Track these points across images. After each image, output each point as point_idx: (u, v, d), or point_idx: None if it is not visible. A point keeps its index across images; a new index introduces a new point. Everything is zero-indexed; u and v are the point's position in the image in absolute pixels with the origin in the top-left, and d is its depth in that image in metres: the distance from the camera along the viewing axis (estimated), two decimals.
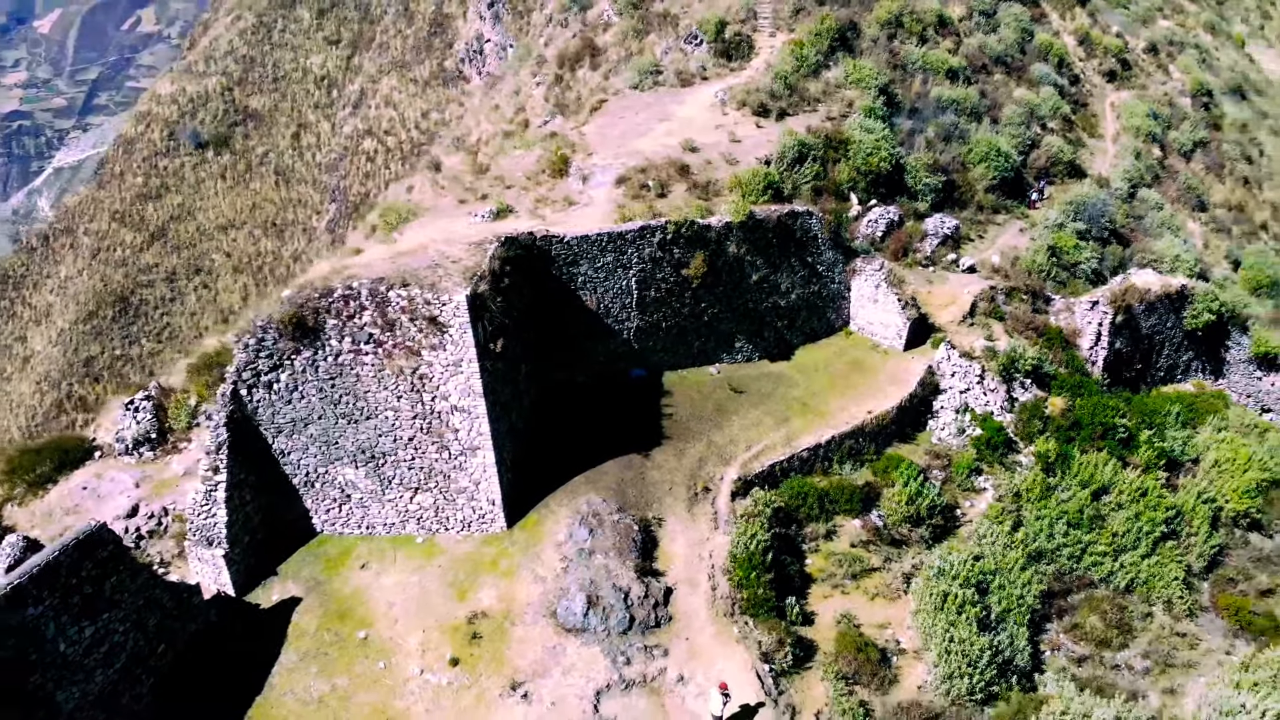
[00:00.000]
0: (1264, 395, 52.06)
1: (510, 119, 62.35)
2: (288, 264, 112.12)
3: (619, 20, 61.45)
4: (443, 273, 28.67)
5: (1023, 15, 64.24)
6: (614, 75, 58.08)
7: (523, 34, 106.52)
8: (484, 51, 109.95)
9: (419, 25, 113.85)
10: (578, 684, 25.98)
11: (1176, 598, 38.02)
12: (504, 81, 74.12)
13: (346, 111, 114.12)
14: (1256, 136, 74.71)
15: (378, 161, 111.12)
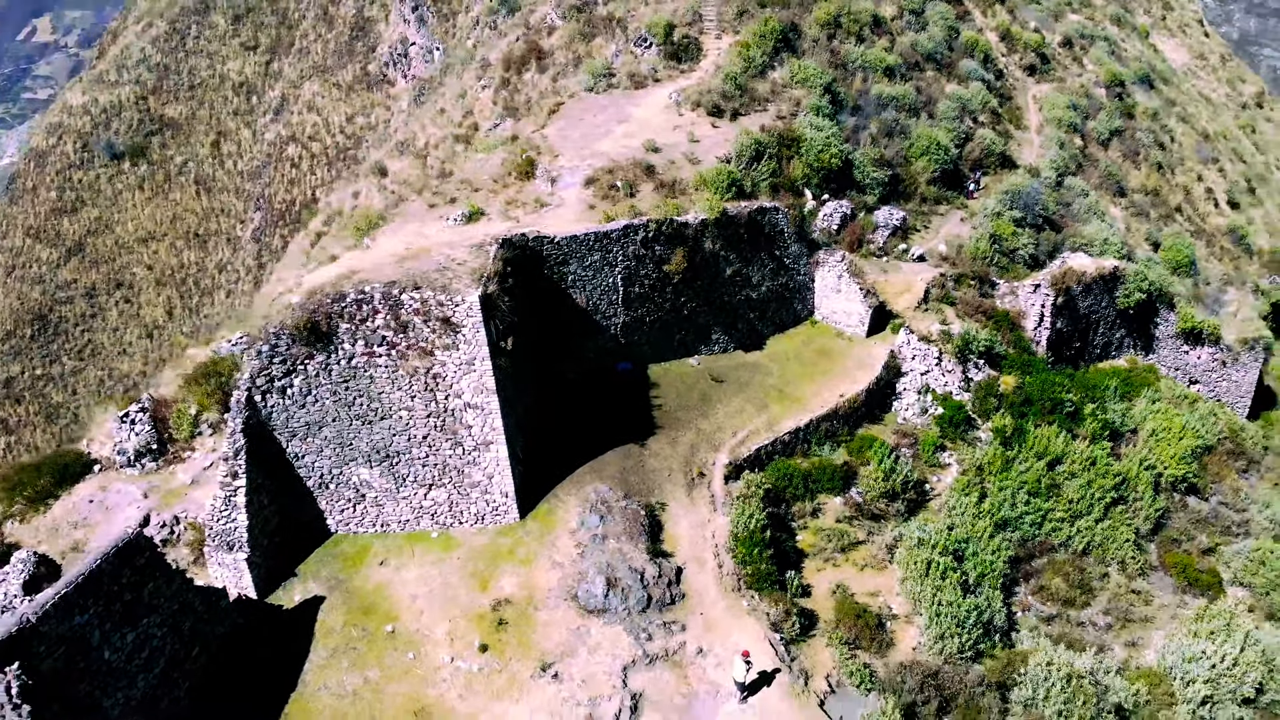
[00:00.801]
0: (1190, 368, 56.13)
1: (459, 123, 63.31)
2: (213, 275, 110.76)
3: (563, 24, 62.91)
4: (451, 275, 29.97)
5: (948, 13, 67.67)
6: (563, 78, 59.56)
7: (449, 37, 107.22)
8: (409, 54, 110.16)
9: (340, 29, 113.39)
10: (605, 661, 27.63)
11: (1129, 558, 41.24)
12: (445, 85, 74.85)
13: (268, 118, 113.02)
14: (1167, 124, 79.78)
15: (303, 168, 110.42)
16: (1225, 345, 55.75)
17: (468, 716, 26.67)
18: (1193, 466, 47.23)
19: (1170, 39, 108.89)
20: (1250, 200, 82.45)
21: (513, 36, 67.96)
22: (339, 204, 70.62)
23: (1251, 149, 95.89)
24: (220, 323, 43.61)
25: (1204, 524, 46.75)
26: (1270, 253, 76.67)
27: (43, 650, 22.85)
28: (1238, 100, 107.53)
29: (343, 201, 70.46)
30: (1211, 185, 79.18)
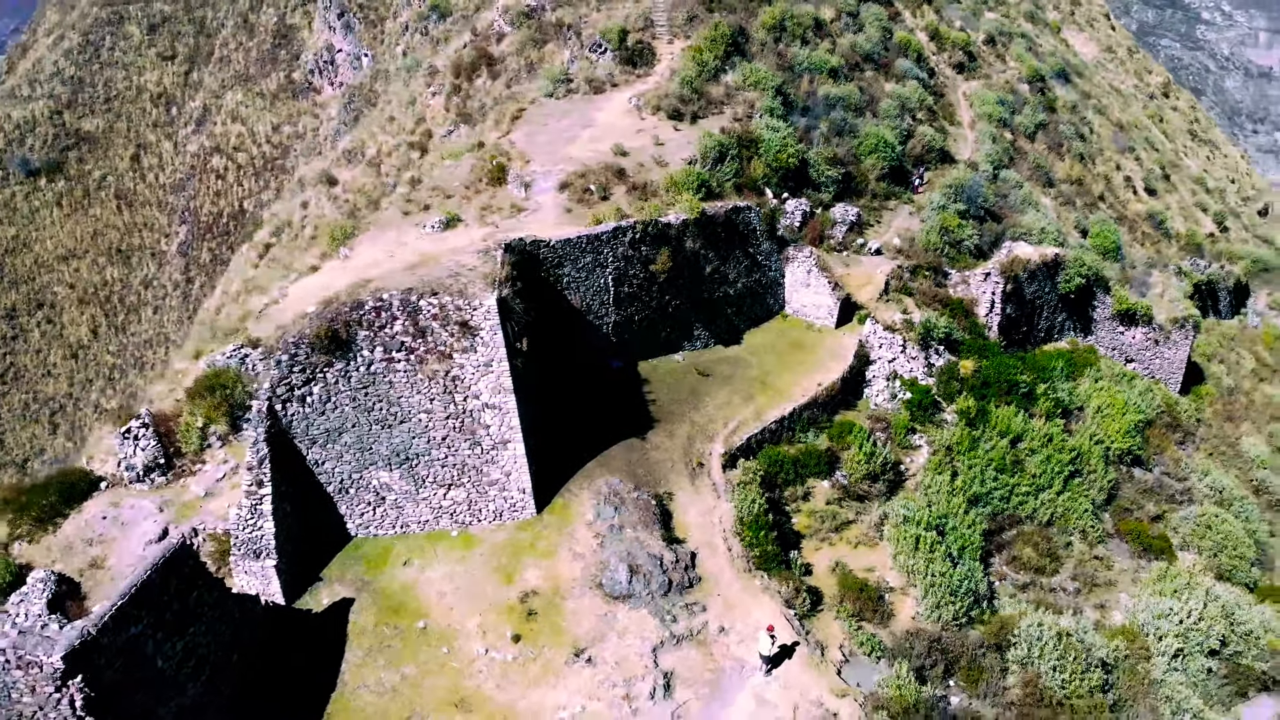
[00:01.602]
0: (1126, 347, 59.98)
1: (411, 130, 63.97)
2: (138, 291, 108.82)
3: (512, 31, 64.07)
4: (465, 280, 31.19)
5: (881, 14, 70.74)
6: (516, 84, 60.79)
7: (377, 43, 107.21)
8: (336, 62, 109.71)
9: (261, 37, 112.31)
10: (635, 644, 29.19)
11: (1089, 527, 44.34)
12: (389, 92, 75.18)
13: (189, 129, 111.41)
14: (1085, 116, 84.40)
15: (229, 179, 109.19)
16: (1157, 325, 59.74)
17: (507, 704, 27.96)
18: (1136, 440, 50.73)
19: (1080, 33, 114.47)
20: (1165, 187, 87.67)
21: (460, 43, 68.81)
22: (287, 214, 70.57)
23: (1161, 137, 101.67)
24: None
25: (1150, 493, 50.31)
26: (1187, 236, 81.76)
27: (103, 662, 23.49)
28: (1145, 90, 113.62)
29: (291, 212, 70.42)
30: (1129, 174, 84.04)
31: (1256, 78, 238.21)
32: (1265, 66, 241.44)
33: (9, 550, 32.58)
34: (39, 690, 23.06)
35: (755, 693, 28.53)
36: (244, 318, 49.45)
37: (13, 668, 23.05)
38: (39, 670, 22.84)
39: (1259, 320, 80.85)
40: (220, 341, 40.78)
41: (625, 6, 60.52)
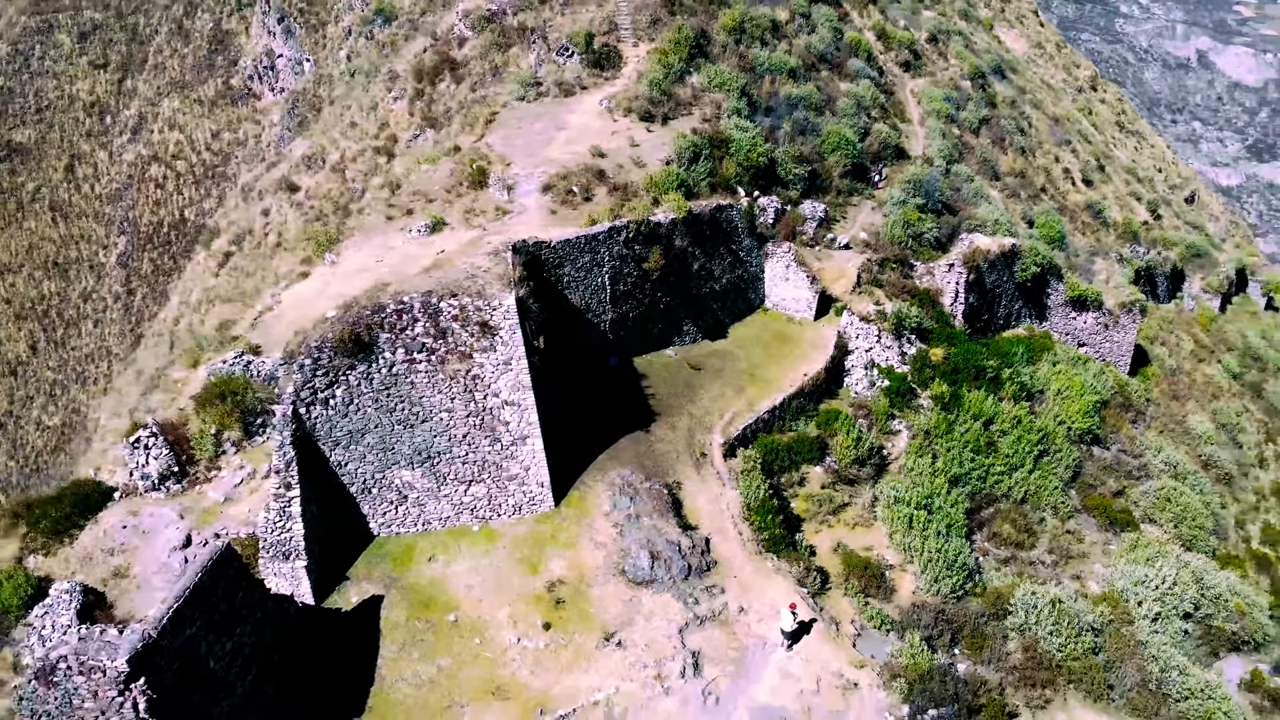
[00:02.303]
0: (1078, 332, 63.11)
1: (375, 135, 64.43)
2: (77, 305, 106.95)
3: (474, 35, 64.92)
4: (482, 282, 32.28)
5: (831, 15, 73.10)
6: (481, 87, 61.71)
7: (319, 48, 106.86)
8: (276, 67, 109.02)
9: (197, 43, 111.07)
10: (662, 626, 30.63)
11: (1059, 504, 46.95)
12: (350, 97, 75.35)
13: (125, 138, 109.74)
14: (1024, 110, 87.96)
15: (168, 188, 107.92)
16: (1107, 310, 63.00)
17: (542, 690, 29.19)
18: (1095, 420, 53.65)
19: (1010, 30, 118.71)
20: (1101, 178, 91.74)
21: (419, 47, 69.39)
22: (247, 222, 70.51)
23: (1091, 130, 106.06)
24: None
25: (1110, 470, 53.24)
26: (1124, 224, 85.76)
27: (163, 664, 24.19)
28: (1074, 84, 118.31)
29: (251, 220, 70.40)
30: (1068, 166, 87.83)
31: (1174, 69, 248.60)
32: (1183, 58, 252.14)
33: (23, 564, 32.78)
34: (101, 695, 23.68)
35: (779, 667, 30.20)
36: (224, 326, 49.71)
37: (74, 674, 23.64)
38: (102, 675, 23.46)
39: (1194, 303, 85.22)
40: (216, 350, 41.05)
41: (589, 10, 61.82)
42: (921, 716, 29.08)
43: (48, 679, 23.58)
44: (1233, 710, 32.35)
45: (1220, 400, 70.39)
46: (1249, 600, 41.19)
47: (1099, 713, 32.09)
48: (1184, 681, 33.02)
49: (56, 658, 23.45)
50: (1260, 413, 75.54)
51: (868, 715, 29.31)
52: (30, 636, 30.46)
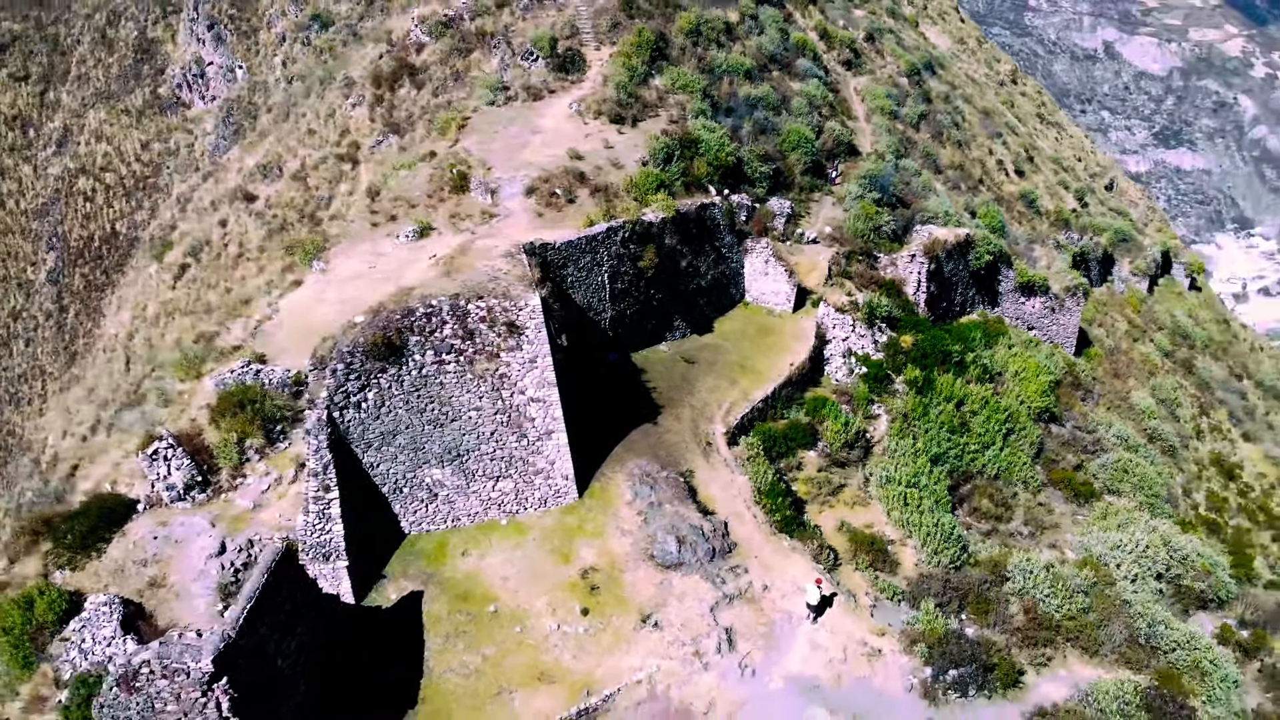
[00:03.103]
0: (1027, 316, 66.65)
1: (336, 142, 64.82)
2: (7, 324, 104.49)
3: (431, 40, 65.75)
4: (505, 283, 33.63)
5: (777, 16, 75.63)
6: (443, 93, 62.64)
7: (251, 55, 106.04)
8: (206, 75, 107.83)
9: (122, 53, 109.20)
10: (694, 606, 32.39)
11: (1029, 478, 49.91)
12: (305, 104, 75.30)
13: (50, 152, 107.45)
14: (957, 105, 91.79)
15: (98, 201, 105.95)
16: (1053, 294, 66.65)
17: (586, 673, 30.71)
18: (1051, 399, 56.98)
19: (933, 26, 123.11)
20: (1031, 168, 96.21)
21: (373, 53, 69.87)
22: (203, 233, 70.12)
23: (1015, 122, 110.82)
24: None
25: (1068, 445, 56.62)
26: (1055, 212, 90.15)
27: (240, 664, 25.10)
28: (996, 79, 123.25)
29: (208, 231, 70.06)
30: (1001, 158, 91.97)
31: (1082, 60, 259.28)
32: (1090, 49, 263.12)
33: (49, 580, 33.09)
34: (185, 697, 24.52)
35: (808, 638, 32.22)
36: (206, 337, 49.70)
37: (157, 677, 24.44)
38: (185, 677, 24.31)
39: (1124, 286, 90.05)
40: (218, 361, 41.46)
41: (549, 15, 63.22)
42: (943, 677, 31.36)
43: (130, 684, 24.32)
44: (1217, 659, 35.36)
45: (1157, 377, 74.81)
46: (1212, 560, 44.58)
47: (1095, 667, 34.79)
48: (1170, 635, 35.95)
49: (139, 663, 24.21)
50: (1193, 388, 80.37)
51: (893, 679, 31.50)
52: (68, 651, 30.93)
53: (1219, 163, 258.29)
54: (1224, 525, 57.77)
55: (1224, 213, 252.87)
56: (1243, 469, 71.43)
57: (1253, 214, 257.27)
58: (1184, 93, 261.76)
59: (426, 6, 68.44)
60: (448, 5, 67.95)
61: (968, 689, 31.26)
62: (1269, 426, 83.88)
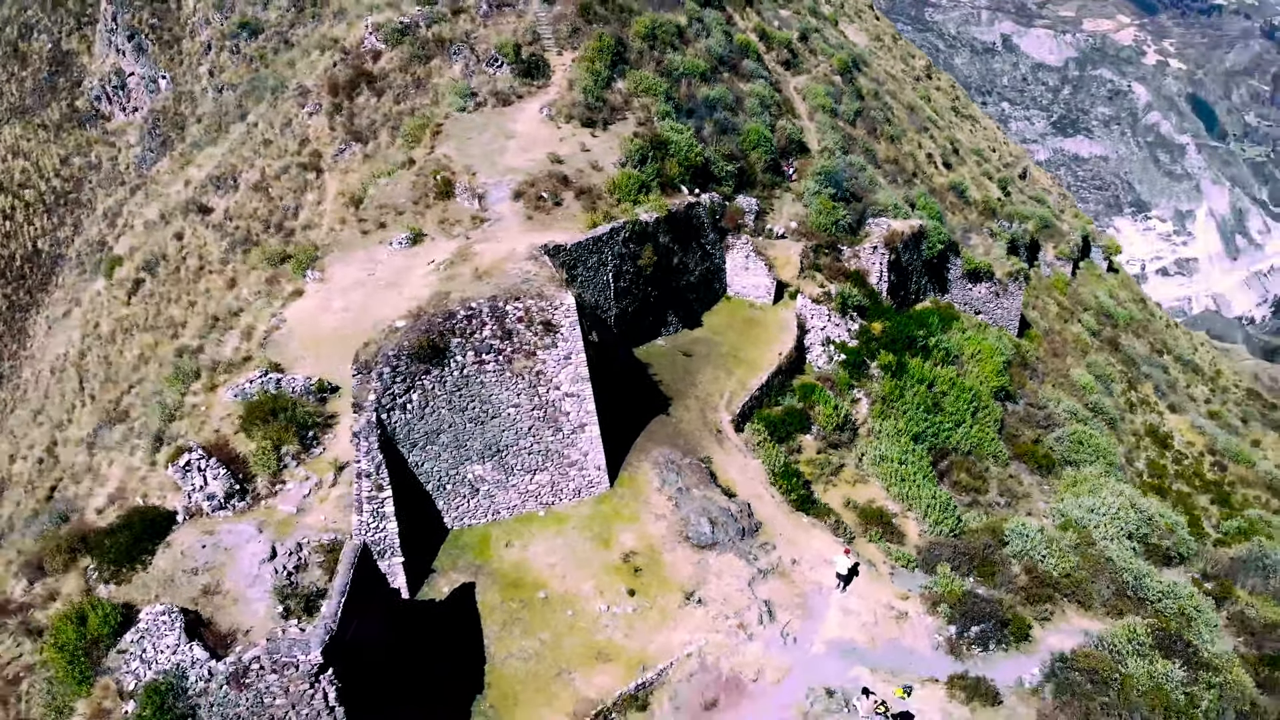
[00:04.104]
0: (974, 301, 70.72)
1: (297, 151, 65.19)
2: None
3: (388, 48, 66.62)
4: (538, 284, 35.39)
5: (720, 19, 78.44)
6: (405, 100, 63.64)
7: (175, 64, 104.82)
8: (127, 86, 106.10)
9: (36, 66, 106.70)
10: (732, 582, 34.68)
11: (998, 453, 53.48)
12: (256, 112, 75.14)
13: None
14: (886, 101, 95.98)
15: (17, 219, 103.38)
16: (998, 279, 70.82)
17: (639, 649, 32.75)
18: (1005, 379, 60.87)
19: (851, 24, 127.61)
20: (957, 160, 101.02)
21: (327, 61, 70.34)
22: (158, 248, 69.66)
23: (934, 116, 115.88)
24: None
25: (1024, 421, 60.59)
26: (983, 202, 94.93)
27: (340, 655, 26.49)
28: (912, 74, 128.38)
29: (162, 245, 69.63)
30: (930, 151, 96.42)
31: (982, 53, 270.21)
32: (989, 42, 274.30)
33: (93, 595, 33.66)
34: (293, 690, 25.88)
35: (839, 606, 34.82)
36: (190, 352, 50.09)
37: (267, 672, 25.75)
38: (294, 670, 25.68)
39: (1050, 270, 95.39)
40: (228, 373, 42.12)
41: (509, 21, 64.75)
42: (966, 633, 34.28)
43: (240, 681, 25.58)
44: (1200, 605, 39.05)
45: (1090, 355, 79.86)
46: (1172, 520, 48.68)
47: (1090, 619, 38.14)
48: (1154, 586, 39.55)
49: (249, 659, 25.49)
50: (1120, 364, 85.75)
51: (921, 637, 34.30)
52: (128, 662, 31.61)
53: (1115, 149, 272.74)
54: (1168, 490, 62.43)
55: (1121, 197, 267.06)
56: (1173, 438, 76.68)
57: (1148, 197, 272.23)
58: (1080, 82, 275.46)
59: (381, 14, 69.21)
60: (401, 12, 68.88)
61: (988, 643, 34.21)
62: (1190, 399, 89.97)
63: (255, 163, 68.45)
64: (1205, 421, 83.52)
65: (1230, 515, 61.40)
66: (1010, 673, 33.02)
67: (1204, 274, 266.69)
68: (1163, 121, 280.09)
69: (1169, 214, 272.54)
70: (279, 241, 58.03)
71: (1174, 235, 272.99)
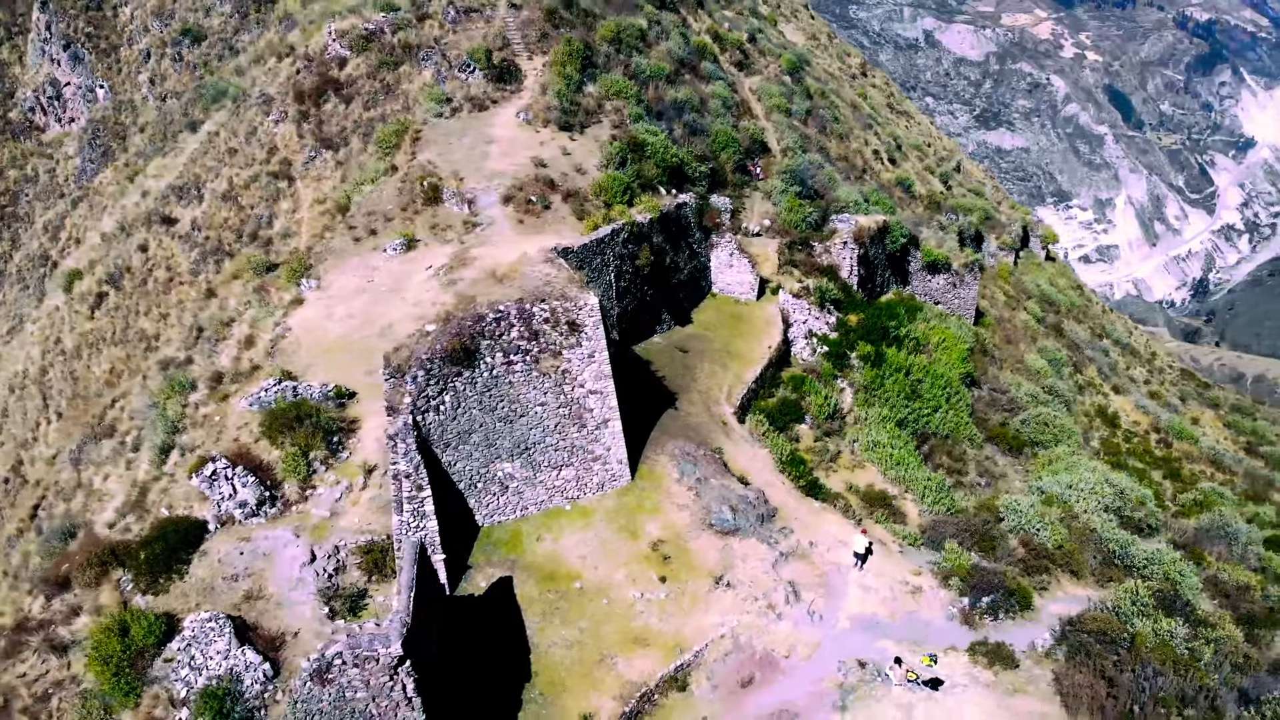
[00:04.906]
0: (933, 291, 73.72)
1: (265, 160, 65.38)
2: None
3: (354, 55, 67.13)
4: (559, 286, 36.83)
5: (677, 21, 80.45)
6: (375, 106, 64.33)
7: (113, 73, 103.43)
8: (63, 96, 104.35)
9: None
10: (757, 565, 36.55)
11: (973, 436, 56.29)
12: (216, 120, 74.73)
13: None
14: (832, 99, 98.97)
15: None
16: (955, 270, 73.94)
17: (675, 632, 34.43)
18: (970, 365, 63.86)
19: (788, 24, 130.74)
20: (900, 156, 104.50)
21: (292, 69, 70.47)
22: (121, 260, 69.15)
23: (873, 112, 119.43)
24: None
25: (990, 405, 63.62)
26: (928, 196, 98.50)
27: (411, 650, 27.68)
28: (849, 72, 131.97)
29: (126, 257, 69.15)
30: (876, 148, 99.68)
31: (905, 49, 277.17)
32: (911, 38, 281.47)
33: (129, 606, 34.20)
34: (374, 683, 27.03)
35: (858, 583, 36.93)
36: (182, 363, 50.42)
37: (349, 667, 26.82)
38: (375, 663, 26.83)
39: (994, 260, 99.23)
40: (237, 383, 42.67)
41: (478, 27, 65.83)
42: (978, 604, 36.65)
43: (323, 678, 26.61)
44: (1183, 569, 42.06)
45: (1039, 341, 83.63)
46: (1141, 494, 51.91)
47: (1083, 587, 40.89)
48: (1139, 554, 42.50)
49: (332, 655, 26.54)
50: (1065, 348, 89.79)
51: (936, 610, 36.58)
52: (177, 670, 32.28)
53: (1036, 141, 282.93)
54: (1126, 466, 66.03)
55: (1043, 187, 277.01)
56: (1120, 418, 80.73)
57: (1069, 187, 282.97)
58: (1000, 76, 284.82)
59: (344, 21, 69.65)
60: (365, 19, 69.40)
61: (998, 612, 36.62)
62: (1131, 380, 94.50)
63: (221, 172, 68.39)
64: (1148, 401, 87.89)
65: (1184, 489, 65.15)
66: (1021, 638, 35.40)
67: (1125, 260, 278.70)
68: (1081, 113, 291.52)
69: (1089, 203, 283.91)
70: (256, 250, 58.35)
71: (1095, 223, 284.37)
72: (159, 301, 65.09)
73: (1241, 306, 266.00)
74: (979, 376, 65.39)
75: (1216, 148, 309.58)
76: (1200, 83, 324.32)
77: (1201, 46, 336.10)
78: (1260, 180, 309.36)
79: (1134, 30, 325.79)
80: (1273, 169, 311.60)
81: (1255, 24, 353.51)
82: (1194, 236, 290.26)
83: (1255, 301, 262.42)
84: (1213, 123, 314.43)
